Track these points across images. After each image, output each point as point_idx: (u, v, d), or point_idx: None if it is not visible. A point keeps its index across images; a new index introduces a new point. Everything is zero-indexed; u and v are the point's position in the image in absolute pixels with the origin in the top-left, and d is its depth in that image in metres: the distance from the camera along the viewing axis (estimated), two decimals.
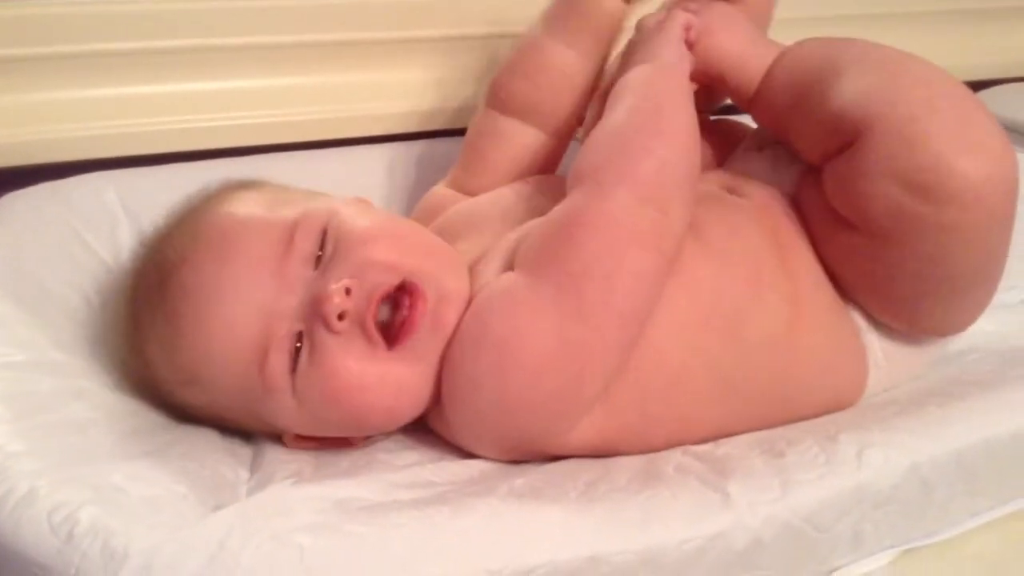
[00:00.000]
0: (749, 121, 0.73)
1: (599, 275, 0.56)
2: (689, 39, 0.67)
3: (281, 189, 0.67)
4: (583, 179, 0.60)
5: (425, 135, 0.92)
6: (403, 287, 0.59)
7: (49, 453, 0.52)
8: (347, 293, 0.57)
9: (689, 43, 0.67)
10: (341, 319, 0.57)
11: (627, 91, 0.63)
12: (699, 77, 0.68)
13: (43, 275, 0.68)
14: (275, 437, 0.63)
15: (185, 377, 0.60)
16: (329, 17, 0.89)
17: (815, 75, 0.63)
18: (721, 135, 0.75)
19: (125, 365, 0.64)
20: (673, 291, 0.59)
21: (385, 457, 0.61)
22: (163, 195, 0.70)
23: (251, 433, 0.64)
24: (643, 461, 0.59)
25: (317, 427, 0.61)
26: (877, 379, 0.67)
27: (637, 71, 0.65)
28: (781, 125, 0.67)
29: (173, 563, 0.45)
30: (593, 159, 0.61)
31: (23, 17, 0.79)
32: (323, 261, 0.59)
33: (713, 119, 0.77)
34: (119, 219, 0.75)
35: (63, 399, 0.58)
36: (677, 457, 0.59)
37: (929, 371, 0.69)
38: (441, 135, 0.91)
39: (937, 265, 0.60)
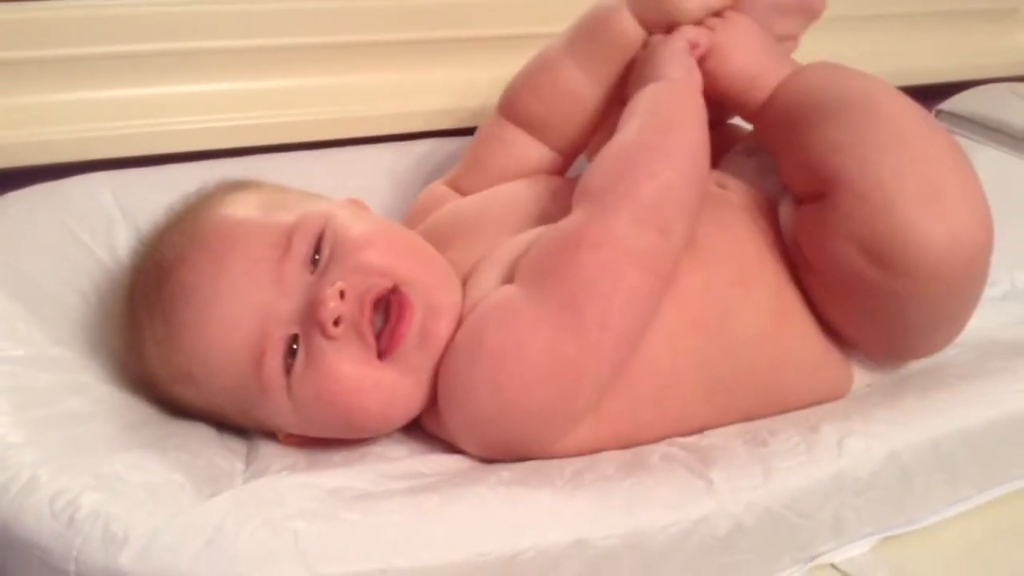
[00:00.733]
0: (747, 122, 0.73)
1: (598, 294, 0.56)
2: (696, 55, 0.67)
3: (278, 190, 0.67)
4: (589, 197, 0.60)
5: (421, 136, 0.92)
6: (395, 291, 0.59)
7: (49, 444, 0.53)
8: (341, 296, 0.58)
9: (698, 58, 0.67)
10: (337, 324, 0.57)
11: (639, 109, 0.64)
12: (708, 93, 0.67)
13: (40, 275, 0.68)
14: (270, 434, 0.63)
15: (182, 375, 0.60)
16: (325, 19, 0.90)
17: (807, 110, 0.63)
18: (718, 137, 0.75)
19: (123, 362, 0.64)
20: (665, 302, 0.60)
21: (377, 450, 0.62)
22: (159, 196, 0.71)
23: (246, 430, 0.64)
24: (629, 452, 0.60)
25: (311, 428, 0.61)
26: (863, 374, 0.67)
27: (651, 88, 0.65)
28: (774, 149, 0.68)
29: (171, 547, 0.46)
30: (600, 177, 0.61)
31: (18, 20, 0.80)
32: (320, 265, 0.60)
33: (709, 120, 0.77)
34: (115, 219, 0.75)
35: (62, 393, 0.59)
36: (663, 448, 0.60)
37: (911, 364, 0.69)
38: (438, 136, 0.92)
39: (897, 320, 0.61)
